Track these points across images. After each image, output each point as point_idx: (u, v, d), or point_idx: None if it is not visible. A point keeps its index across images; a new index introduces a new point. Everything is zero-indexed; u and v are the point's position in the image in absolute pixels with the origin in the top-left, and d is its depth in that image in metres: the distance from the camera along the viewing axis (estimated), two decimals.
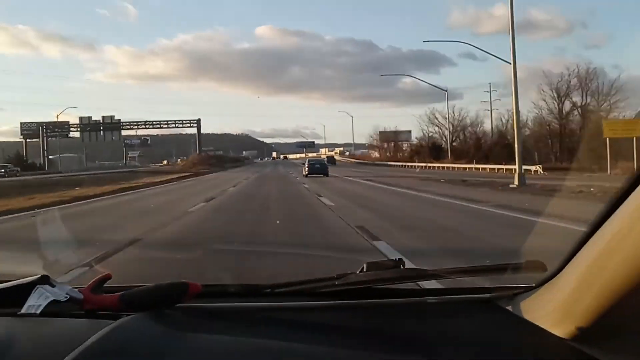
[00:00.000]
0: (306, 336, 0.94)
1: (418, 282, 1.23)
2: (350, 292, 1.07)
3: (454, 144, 55.28)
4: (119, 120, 67.36)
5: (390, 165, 55.82)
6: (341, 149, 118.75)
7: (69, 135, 67.54)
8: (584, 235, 0.81)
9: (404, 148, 71.20)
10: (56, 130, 64.68)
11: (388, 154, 72.35)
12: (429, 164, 47.85)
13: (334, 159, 66.26)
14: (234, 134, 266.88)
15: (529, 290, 0.99)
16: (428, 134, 62.10)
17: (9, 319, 0.94)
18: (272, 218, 10.02)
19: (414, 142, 66.35)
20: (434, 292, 1.15)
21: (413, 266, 1.29)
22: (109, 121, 64.91)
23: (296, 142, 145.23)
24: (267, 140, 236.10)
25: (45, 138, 63.70)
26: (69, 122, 65.24)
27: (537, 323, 0.90)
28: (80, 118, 64.29)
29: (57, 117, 63.09)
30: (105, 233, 8.29)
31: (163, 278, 1.09)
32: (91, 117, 65.34)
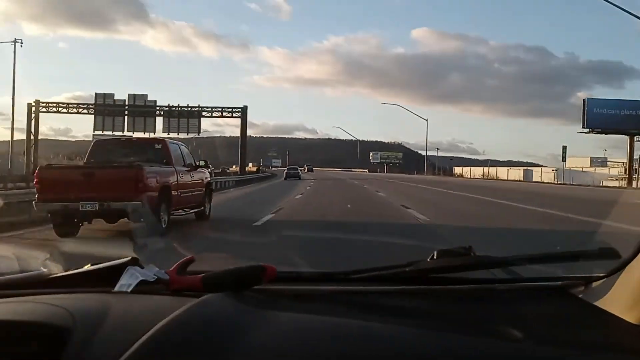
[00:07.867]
0: (379, 318, 0.97)
1: (488, 270, 1.23)
2: (421, 279, 1.09)
3: None
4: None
5: None
6: None
7: None
8: None
9: None
10: None
11: None
12: None
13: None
14: (386, 142, 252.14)
15: (602, 278, 0.98)
16: None
17: (103, 295, 1.04)
18: None
19: None
20: (504, 279, 1.14)
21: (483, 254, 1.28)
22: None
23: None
24: (422, 152, 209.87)
25: None
26: None
27: (609, 310, 0.89)
28: None
29: None
30: None
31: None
32: None
